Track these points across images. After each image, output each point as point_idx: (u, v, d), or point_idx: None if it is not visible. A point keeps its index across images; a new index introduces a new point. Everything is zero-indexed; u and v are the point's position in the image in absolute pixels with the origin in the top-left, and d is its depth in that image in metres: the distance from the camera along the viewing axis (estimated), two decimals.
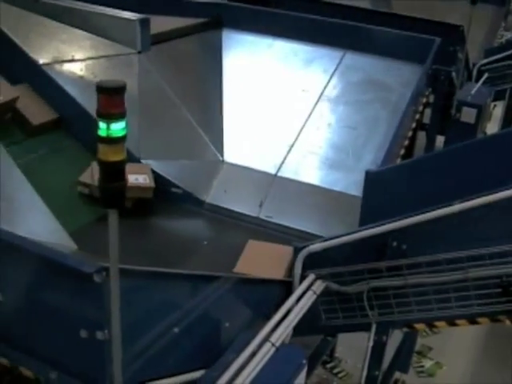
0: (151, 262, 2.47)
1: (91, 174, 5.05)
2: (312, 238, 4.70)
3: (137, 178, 5.03)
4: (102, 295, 2.42)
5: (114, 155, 2.13)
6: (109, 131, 2.10)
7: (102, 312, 2.46)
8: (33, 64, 5.52)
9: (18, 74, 5.52)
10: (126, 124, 2.13)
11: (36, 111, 5.40)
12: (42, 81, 5.52)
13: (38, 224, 4.33)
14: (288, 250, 4.53)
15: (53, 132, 5.49)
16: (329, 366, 6.72)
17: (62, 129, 5.54)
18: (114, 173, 2.16)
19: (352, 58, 6.54)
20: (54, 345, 2.76)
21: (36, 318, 2.75)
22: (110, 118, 2.10)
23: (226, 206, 5.40)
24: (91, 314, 2.52)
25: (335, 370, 6.70)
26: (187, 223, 5.35)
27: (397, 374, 6.37)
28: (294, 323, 3.72)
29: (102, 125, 2.10)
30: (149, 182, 5.06)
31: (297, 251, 4.10)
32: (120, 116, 2.11)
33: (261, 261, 4.50)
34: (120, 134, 2.13)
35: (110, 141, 2.12)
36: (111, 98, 2.10)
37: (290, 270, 4.42)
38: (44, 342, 2.79)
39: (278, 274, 4.30)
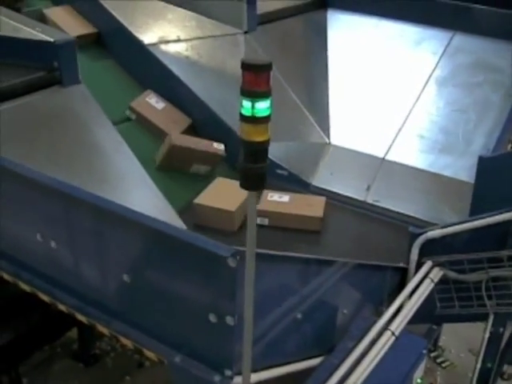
0: (259, 245, 2.40)
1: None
2: (421, 223, 4.60)
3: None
4: (234, 280, 2.36)
5: (257, 135, 2.07)
6: (253, 110, 2.03)
7: (233, 297, 2.41)
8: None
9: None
10: (271, 103, 2.06)
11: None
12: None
13: (147, 202, 4.32)
14: None
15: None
16: (432, 355, 6.57)
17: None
18: (256, 154, 2.10)
19: (461, 40, 6.35)
20: (179, 328, 2.72)
21: (162, 300, 2.72)
22: (255, 96, 2.03)
23: (332, 188, 5.30)
24: (222, 298, 2.46)
25: (439, 360, 6.55)
26: None
27: (504, 367, 6.20)
28: (412, 311, 3.63)
29: (246, 103, 2.03)
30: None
31: (413, 237, 3.98)
32: (265, 94, 2.04)
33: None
34: (265, 114, 2.06)
35: (254, 120, 2.05)
36: (257, 75, 2.02)
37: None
38: (169, 325, 2.75)
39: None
